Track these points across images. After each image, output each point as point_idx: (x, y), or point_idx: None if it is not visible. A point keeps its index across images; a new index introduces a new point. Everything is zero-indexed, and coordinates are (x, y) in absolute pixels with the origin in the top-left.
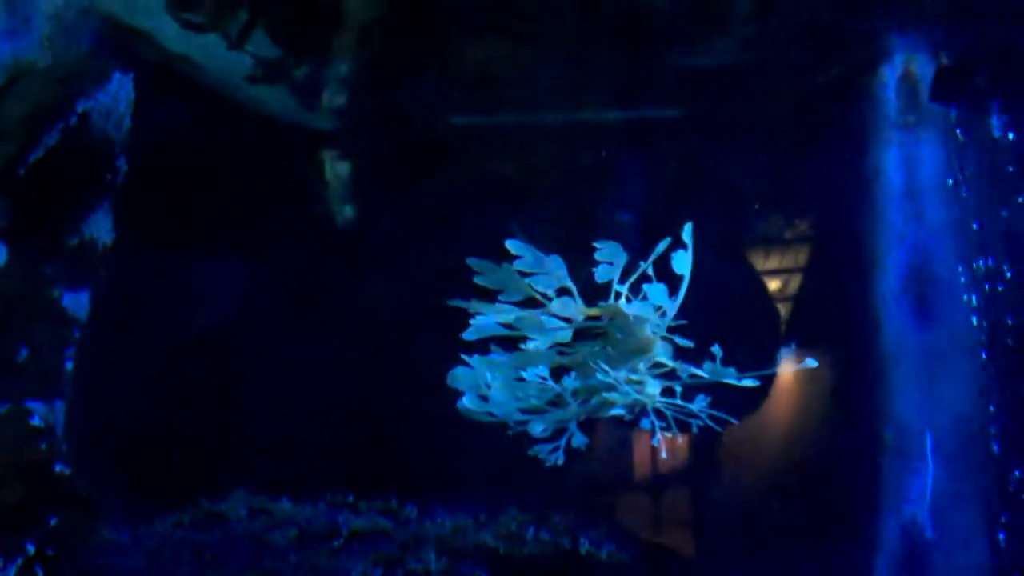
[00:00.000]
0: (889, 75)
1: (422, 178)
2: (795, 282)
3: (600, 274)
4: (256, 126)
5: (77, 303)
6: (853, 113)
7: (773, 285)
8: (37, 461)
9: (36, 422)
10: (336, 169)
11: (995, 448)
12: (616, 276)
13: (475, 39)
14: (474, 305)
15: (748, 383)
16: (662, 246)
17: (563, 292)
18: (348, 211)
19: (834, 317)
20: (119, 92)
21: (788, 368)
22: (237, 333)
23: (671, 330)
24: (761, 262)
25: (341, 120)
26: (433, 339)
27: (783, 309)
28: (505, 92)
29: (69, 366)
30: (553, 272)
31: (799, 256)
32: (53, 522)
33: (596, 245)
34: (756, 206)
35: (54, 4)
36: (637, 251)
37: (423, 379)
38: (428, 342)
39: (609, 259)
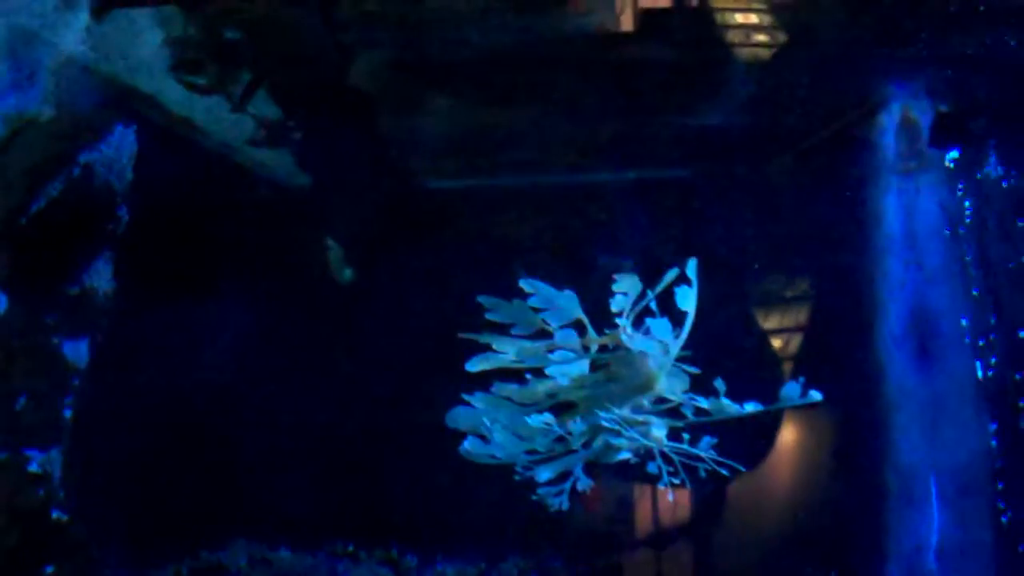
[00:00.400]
0: (888, 122)
1: (419, 239)
2: (796, 334)
3: (616, 304)
4: (260, 187)
5: (76, 351)
6: (853, 161)
7: (774, 336)
8: (34, 508)
9: (34, 469)
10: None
11: (1000, 495)
12: (628, 307)
13: (471, 103)
14: (485, 337)
15: (751, 408)
16: (669, 276)
17: (576, 326)
18: (348, 273)
19: (837, 363)
20: (121, 143)
21: (791, 404)
22: (237, 383)
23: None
24: (763, 313)
25: (318, 184)
26: (434, 388)
27: (785, 356)
28: (502, 155)
29: (68, 414)
30: (566, 307)
31: (801, 306)
32: (50, 570)
33: (615, 277)
34: (756, 266)
35: (58, 60)
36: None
37: (423, 428)
38: (429, 392)
39: (625, 290)
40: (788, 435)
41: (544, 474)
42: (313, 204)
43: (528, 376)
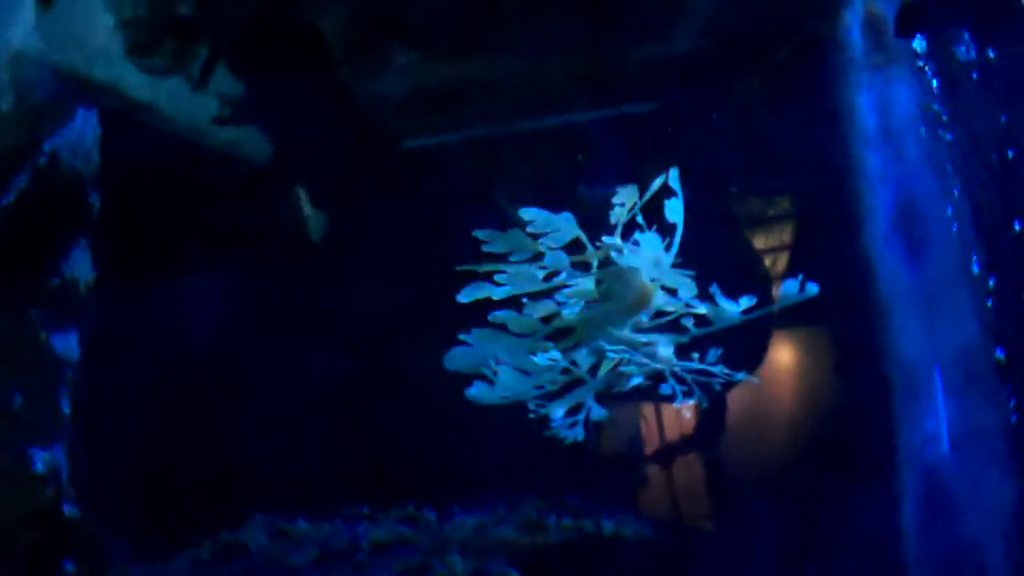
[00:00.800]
0: (852, 19)
1: (398, 193)
2: (784, 247)
3: (615, 215)
4: (230, 165)
5: (66, 344)
6: (822, 64)
7: (765, 252)
8: (45, 507)
9: (38, 468)
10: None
11: (1007, 379)
12: (623, 218)
13: (438, 57)
14: (484, 267)
15: (747, 303)
16: (656, 185)
17: (574, 246)
18: (321, 233)
19: (828, 266)
20: (84, 127)
21: (788, 302)
22: (233, 358)
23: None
24: (751, 228)
25: (287, 146)
26: (431, 338)
27: (777, 262)
28: (472, 105)
29: (66, 407)
30: (565, 227)
31: (788, 217)
32: (69, 567)
33: (616, 189)
34: (739, 183)
35: (10, 52)
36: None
37: (425, 379)
38: (427, 343)
39: (624, 201)
40: (789, 340)
41: (558, 411)
42: (282, 168)
43: (525, 301)
